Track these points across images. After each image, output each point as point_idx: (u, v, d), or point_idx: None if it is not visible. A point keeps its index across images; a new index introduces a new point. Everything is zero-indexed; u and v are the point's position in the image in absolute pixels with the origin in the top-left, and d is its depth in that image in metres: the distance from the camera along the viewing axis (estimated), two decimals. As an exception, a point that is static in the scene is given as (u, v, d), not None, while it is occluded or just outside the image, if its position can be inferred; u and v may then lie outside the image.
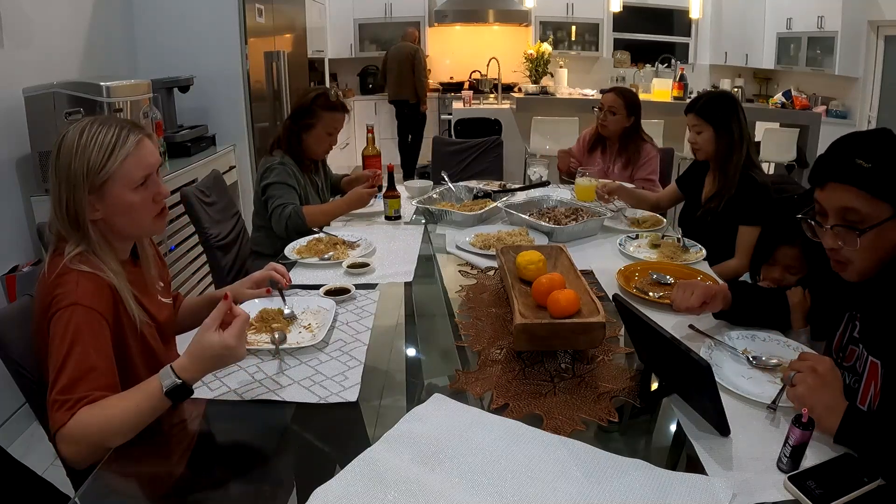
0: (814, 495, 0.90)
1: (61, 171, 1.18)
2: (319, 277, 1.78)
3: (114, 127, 1.21)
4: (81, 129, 1.19)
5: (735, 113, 2.17)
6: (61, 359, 1.09)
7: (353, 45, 7.46)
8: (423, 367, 1.38)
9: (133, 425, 1.06)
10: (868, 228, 1.06)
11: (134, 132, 1.23)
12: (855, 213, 1.07)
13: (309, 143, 2.41)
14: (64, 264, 1.17)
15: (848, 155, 1.07)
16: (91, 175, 1.18)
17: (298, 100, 2.45)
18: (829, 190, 1.09)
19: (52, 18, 2.92)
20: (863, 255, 1.09)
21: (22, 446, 2.36)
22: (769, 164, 5.30)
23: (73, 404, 1.05)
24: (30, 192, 2.68)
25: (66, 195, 1.18)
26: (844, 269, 1.14)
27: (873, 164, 1.04)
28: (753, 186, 2.11)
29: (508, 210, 2.28)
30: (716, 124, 2.17)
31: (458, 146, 3.90)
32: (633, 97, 2.92)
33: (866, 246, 1.08)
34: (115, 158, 1.19)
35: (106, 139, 1.19)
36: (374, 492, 0.93)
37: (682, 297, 1.42)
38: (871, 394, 1.13)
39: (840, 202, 1.08)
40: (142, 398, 1.07)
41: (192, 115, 3.82)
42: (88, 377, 1.08)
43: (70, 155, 1.17)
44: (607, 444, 1.05)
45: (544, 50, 5.98)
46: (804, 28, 5.88)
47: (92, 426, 1.04)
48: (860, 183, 1.05)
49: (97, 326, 1.14)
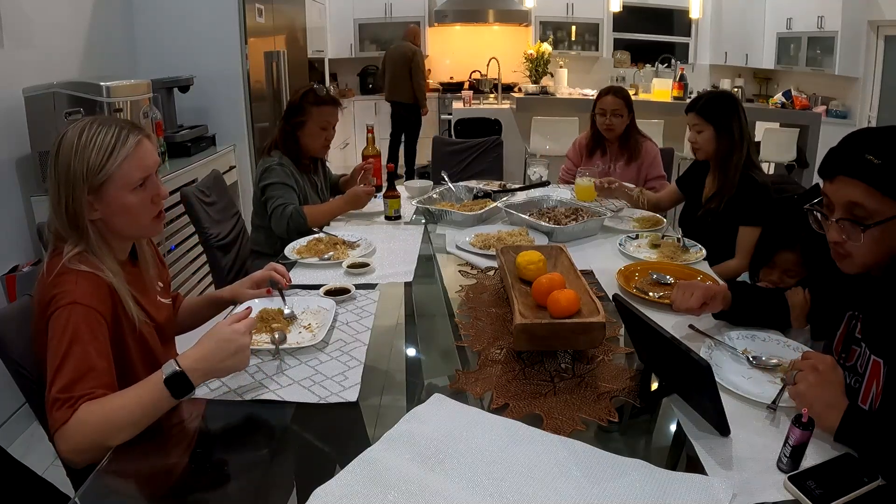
0: (814, 495, 0.90)
1: (60, 170, 1.18)
2: (319, 277, 1.78)
3: (113, 127, 1.21)
4: (81, 130, 1.19)
5: (736, 113, 2.17)
6: (60, 358, 1.09)
7: (353, 45, 7.46)
8: (423, 367, 1.38)
9: (134, 420, 1.06)
10: (873, 224, 1.06)
11: (133, 133, 1.23)
12: (861, 209, 1.07)
13: (304, 140, 2.41)
14: (62, 264, 1.17)
15: (859, 150, 1.07)
16: (90, 176, 1.18)
17: (289, 100, 2.47)
18: (838, 183, 1.09)
19: (52, 18, 2.92)
20: (865, 251, 1.09)
21: (22, 446, 2.36)
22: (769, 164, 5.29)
23: (74, 402, 1.05)
24: (30, 192, 2.68)
25: (66, 195, 1.18)
26: (843, 261, 1.15)
27: (884, 160, 1.04)
28: (753, 186, 2.11)
29: (508, 210, 2.28)
30: (716, 124, 2.17)
31: (458, 146, 3.90)
32: (628, 95, 2.93)
33: (870, 242, 1.08)
34: (114, 159, 1.19)
35: (105, 140, 1.19)
36: (374, 492, 0.93)
37: (681, 297, 1.42)
38: (872, 393, 1.13)
39: (847, 196, 1.08)
40: (143, 391, 1.08)
41: (192, 115, 3.82)
42: (88, 376, 1.08)
43: (69, 155, 1.17)
44: (607, 444, 1.05)
45: (544, 50, 5.97)
46: (804, 28, 5.88)
47: (92, 423, 1.04)
48: (869, 179, 1.05)
49: (96, 326, 1.14)
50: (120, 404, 1.06)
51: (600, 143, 2.99)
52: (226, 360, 1.12)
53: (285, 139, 2.40)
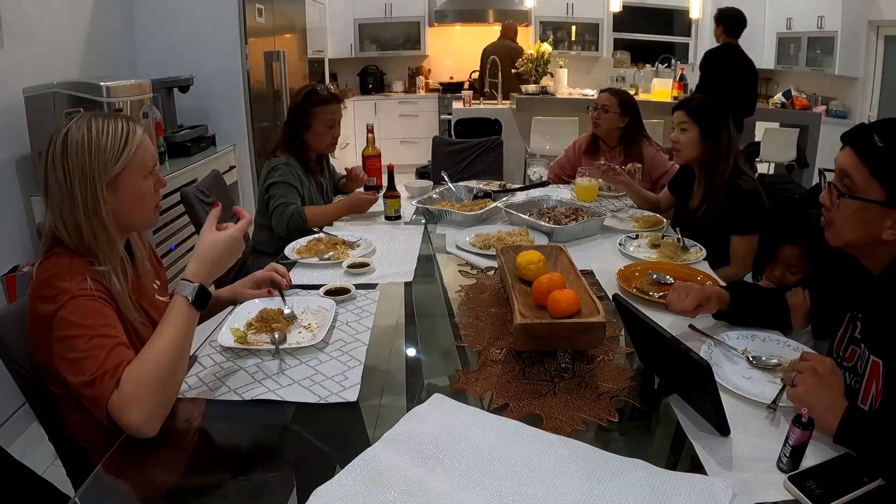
0: (814, 495, 0.90)
1: (73, 169, 1.17)
2: (319, 277, 1.78)
3: (119, 119, 1.23)
4: (87, 125, 1.19)
5: (725, 121, 2.13)
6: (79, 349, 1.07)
7: (353, 45, 7.45)
8: (423, 367, 1.38)
9: (180, 351, 1.10)
10: (850, 197, 1.10)
11: (136, 124, 1.26)
12: (850, 180, 1.11)
13: (311, 141, 2.42)
14: (55, 262, 1.16)
15: (873, 129, 1.11)
16: (109, 167, 1.19)
17: (291, 102, 2.48)
18: (844, 151, 1.14)
19: (52, 18, 2.92)
20: (840, 221, 1.14)
21: (22, 446, 2.36)
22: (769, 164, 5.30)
23: (113, 372, 1.04)
24: (30, 192, 2.68)
25: (82, 192, 1.17)
26: (828, 230, 1.20)
27: (886, 145, 1.07)
28: (741, 195, 2.07)
29: (508, 210, 2.28)
30: (703, 126, 2.13)
31: (458, 146, 3.90)
32: (627, 97, 2.91)
33: (845, 213, 1.12)
34: (129, 147, 1.21)
35: (118, 131, 1.21)
36: (373, 492, 0.93)
37: (677, 299, 1.42)
38: (872, 393, 1.13)
39: (844, 165, 1.13)
40: (174, 321, 1.11)
41: (192, 115, 3.81)
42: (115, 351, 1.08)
43: (83, 151, 1.17)
44: (607, 444, 1.05)
45: (544, 50, 5.97)
46: (804, 28, 5.87)
47: (146, 377, 1.04)
48: (866, 156, 1.09)
49: (106, 310, 1.14)
50: (160, 343, 1.08)
51: (599, 145, 2.98)
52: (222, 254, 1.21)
53: (290, 142, 2.41)
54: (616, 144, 2.93)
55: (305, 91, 2.42)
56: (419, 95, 7.55)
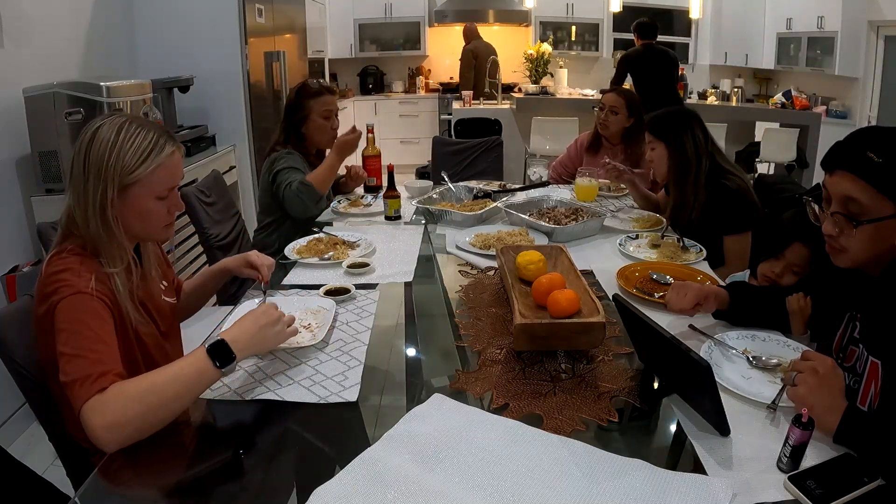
0: (814, 495, 0.90)
1: (93, 161, 1.17)
2: (319, 277, 1.78)
3: (152, 132, 1.22)
4: (119, 126, 1.19)
5: (688, 128, 2.11)
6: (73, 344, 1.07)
7: (353, 45, 7.46)
8: (423, 367, 1.38)
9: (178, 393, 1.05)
10: (866, 221, 1.07)
11: (170, 142, 1.24)
12: (856, 205, 1.07)
13: (310, 134, 2.44)
14: (65, 258, 1.17)
15: (862, 146, 1.07)
16: (123, 175, 1.18)
17: (286, 102, 2.50)
18: (837, 177, 1.10)
19: (52, 18, 2.92)
20: (858, 246, 1.10)
21: (22, 446, 2.36)
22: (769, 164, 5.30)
23: (97, 378, 1.02)
24: (30, 192, 2.68)
25: (94, 186, 1.17)
26: (837, 256, 1.16)
27: (884, 159, 1.04)
28: (727, 195, 2.05)
29: (508, 210, 2.28)
30: (667, 140, 2.12)
31: (458, 146, 3.89)
32: (632, 96, 2.91)
33: (863, 238, 1.08)
34: (148, 164, 1.20)
35: (144, 143, 1.20)
36: (373, 492, 0.93)
37: (675, 298, 1.42)
38: (871, 394, 1.13)
39: (844, 191, 1.08)
40: (183, 363, 1.09)
41: (192, 115, 3.81)
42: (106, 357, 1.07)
43: (105, 149, 1.17)
44: (607, 444, 1.05)
45: (544, 50, 5.98)
46: (804, 28, 5.88)
47: (133, 395, 1.02)
48: (867, 175, 1.05)
49: (104, 313, 1.14)
50: (160, 378, 1.06)
51: (601, 142, 2.98)
52: (265, 329, 1.18)
53: (289, 138, 2.42)
54: (618, 142, 2.93)
55: (298, 87, 2.45)
56: (419, 95, 7.56)
